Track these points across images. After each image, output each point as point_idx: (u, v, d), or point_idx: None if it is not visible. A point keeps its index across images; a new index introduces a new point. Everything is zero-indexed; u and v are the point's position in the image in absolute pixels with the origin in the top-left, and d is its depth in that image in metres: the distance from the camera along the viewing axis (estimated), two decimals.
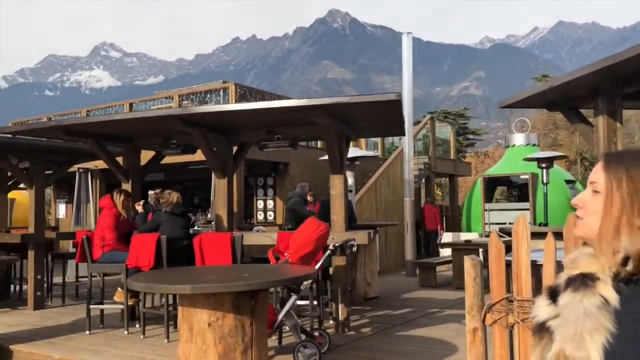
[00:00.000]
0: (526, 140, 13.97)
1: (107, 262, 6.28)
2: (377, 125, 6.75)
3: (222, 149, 6.71)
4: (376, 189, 12.47)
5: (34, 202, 7.98)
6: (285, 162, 12.29)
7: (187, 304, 3.67)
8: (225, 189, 6.66)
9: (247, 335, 3.71)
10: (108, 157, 7.02)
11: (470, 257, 3.54)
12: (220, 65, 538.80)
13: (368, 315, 7.12)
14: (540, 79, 51.24)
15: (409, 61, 11.45)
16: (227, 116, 5.86)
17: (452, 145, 16.72)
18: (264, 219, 12.60)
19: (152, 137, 6.98)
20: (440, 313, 7.24)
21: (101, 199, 6.70)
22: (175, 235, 6.09)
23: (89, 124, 6.18)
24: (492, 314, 3.35)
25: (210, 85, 13.39)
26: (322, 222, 5.22)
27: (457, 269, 9.53)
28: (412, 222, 11.37)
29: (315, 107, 5.20)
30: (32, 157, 8.00)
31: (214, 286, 3.33)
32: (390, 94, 4.88)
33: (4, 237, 8.07)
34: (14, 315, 7.57)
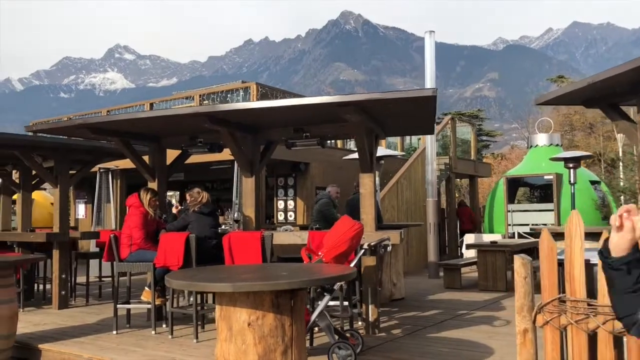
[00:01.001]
0: (549, 141, 13.77)
1: (134, 262, 6.23)
2: (406, 124, 6.64)
3: (249, 148, 6.64)
4: (397, 189, 12.34)
5: (59, 201, 7.97)
6: (305, 162, 12.21)
7: (226, 302, 3.59)
8: (252, 188, 6.58)
9: (287, 335, 3.62)
10: (134, 155, 6.97)
11: (520, 256, 3.42)
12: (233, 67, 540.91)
13: (396, 317, 7.01)
14: (555, 80, 50.76)
15: (431, 60, 11.30)
16: (256, 114, 5.79)
17: (472, 145, 16.53)
18: (285, 220, 12.52)
19: (178, 135, 6.93)
20: (469, 315, 7.11)
21: (128, 198, 6.66)
22: (203, 234, 6.02)
23: (116, 122, 6.13)
24: (543, 315, 3.23)
25: (231, 85, 13.34)
26: (355, 221, 5.12)
27: (483, 271, 9.40)
28: (435, 223, 11.23)
29: (348, 103, 5.11)
30: (57, 156, 7.99)
31: (255, 284, 3.24)
32: (426, 89, 4.77)
33: (29, 237, 8.06)
34: (39, 314, 7.55)
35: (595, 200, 12.82)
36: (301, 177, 12.39)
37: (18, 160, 8.49)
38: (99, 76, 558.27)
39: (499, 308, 7.63)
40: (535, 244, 10.77)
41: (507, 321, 6.64)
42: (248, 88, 12.04)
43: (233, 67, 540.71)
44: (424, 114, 5.85)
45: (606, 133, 39.77)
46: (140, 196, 6.48)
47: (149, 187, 6.73)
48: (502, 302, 8.09)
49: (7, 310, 5.42)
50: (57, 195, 8.00)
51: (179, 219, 6.33)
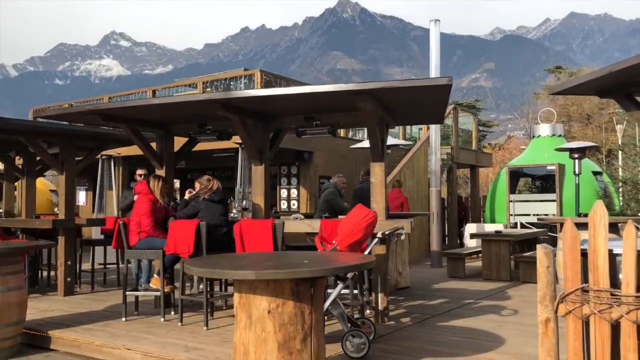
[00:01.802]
0: (552, 131, 13.77)
1: (143, 249, 6.21)
2: (416, 113, 6.62)
3: (259, 136, 6.61)
4: (400, 178, 12.32)
5: (65, 188, 7.93)
6: (309, 151, 12.18)
7: (246, 290, 3.58)
8: (262, 176, 6.56)
9: (306, 323, 3.62)
10: (143, 142, 6.93)
11: (543, 245, 3.42)
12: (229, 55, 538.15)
13: (403, 305, 7.03)
14: (553, 70, 50.74)
15: (436, 49, 11.26)
16: (269, 101, 5.75)
17: (474, 135, 16.51)
18: (288, 208, 12.50)
19: (187, 123, 6.88)
20: (476, 304, 7.14)
21: (137, 185, 6.63)
22: (214, 222, 6.00)
23: (126, 109, 6.08)
24: (565, 305, 3.23)
25: (234, 72, 13.25)
26: (369, 209, 5.10)
27: (487, 260, 9.42)
28: (439, 213, 11.24)
29: (363, 91, 5.07)
30: (63, 143, 7.94)
31: (278, 272, 3.23)
32: (441, 78, 4.74)
33: (35, 223, 8.02)
34: (46, 301, 7.53)
35: (598, 191, 12.86)
36: (305, 166, 12.36)
37: (22, 146, 8.45)
38: (95, 63, 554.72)
39: (505, 297, 7.66)
40: (538, 234, 10.82)
41: (514, 310, 6.67)
42: (252, 75, 11.97)
43: (229, 55, 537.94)
44: (436, 103, 5.82)
45: (603, 124, 39.88)
46: (149, 183, 6.45)
47: (158, 174, 6.70)
48: (507, 292, 8.12)
49: (17, 296, 5.40)
50: (63, 182, 7.96)
51: (189, 206, 6.30)
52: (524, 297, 7.65)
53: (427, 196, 13.05)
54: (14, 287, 5.39)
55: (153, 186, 6.36)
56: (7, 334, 5.32)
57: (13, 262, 5.43)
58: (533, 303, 7.10)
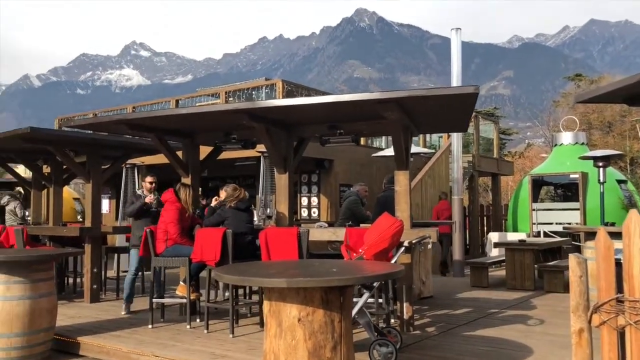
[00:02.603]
0: (574, 139, 13.64)
1: (170, 256, 6.27)
2: (440, 121, 6.62)
3: (283, 144, 6.66)
4: (422, 187, 12.32)
5: (92, 196, 8.05)
6: (329, 159, 12.21)
7: (276, 298, 3.61)
8: (286, 184, 6.60)
9: (336, 331, 3.63)
10: (169, 151, 7.02)
11: (575, 255, 3.40)
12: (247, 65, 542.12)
13: (428, 315, 7.00)
14: (573, 78, 50.19)
15: (458, 57, 11.24)
16: (294, 110, 5.80)
17: (495, 143, 16.43)
18: (308, 216, 12.54)
19: (212, 131, 6.96)
20: (501, 313, 7.08)
21: (164, 193, 6.69)
22: (240, 230, 6.05)
23: (154, 118, 6.18)
24: (599, 315, 3.20)
25: (256, 82, 13.37)
26: (396, 218, 5.11)
27: (511, 269, 9.34)
28: (461, 221, 11.18)
29: (388, 100, 5.10)
30: (90, 152, 8.08)
31: (309, 280, 3.26)
32: (467, 86, 4.75)
33: (62, 230, 8.15)
34: (73, 308, 7.64)
35: (622, 199, 12.69)
36: (325, 174, 12.40)
37: (49, 154, 8.61)
38: (115, 73, 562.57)
39: (530, 307, 7.59)
40: (562, 243, 10.69)
41: (540, 320, 6.60)
42: (274, 85, 12.07)
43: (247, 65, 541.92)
44: (461, 112, 5.82)
45: (624, 132, 39.34)
46: (176, 191, 6.53)
47: (185, 182, 6.77)
48: (532, 301, 8.04)
49: (48, 302, 5.50)
50: (90, 190, 8.09)
51: (215, 214, 6.36)
52: (549, 306, 7.58)
53: None
54: (44, 294, 5.49)
55: (184, 195, 6.43)
56: (38, 339, 5.41)
57: (44, 269, 5.53)
58: (559, 313, 7.05)
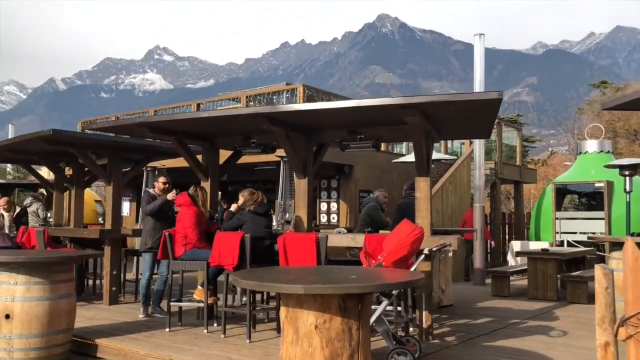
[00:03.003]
0: (600, 147, 13.37)
1: (189, 260, 6.27)
2: (462, 127, 6.53)
3: (303, 149, 6.63)
4: (442, 194, 12.18)
5: (112, 198, 8.11)
6: (349, 165, 12.15)
7: (293, 304, 3.56)
8: (305, 189, 6.56)
9: (354, 339, 3.57)
10: (189, 154, 7.03)
11: (601, 265, 3.29)
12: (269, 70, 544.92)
13: (448, 324, 6.89)
14: (598, 85, 49.42)
15: (481, 63, 11.12)
16: (314, 115, 5.76)
17: (518, 151, 16.19)
18: (327, 222, 12.48)
19: (232, 135, 6.96)
20: (523, 324, 6.94)
21: (178, 197, 6.66)
22: (258, 234, 6.03)
23: (175, 122, 6.20)
24: (626, 328, 3.10)
25: (277, 87, 13.38)
26: (416, 225, 5.04)
27: (533, 279, 9.17)
28: (482, 229, 11.03)
29: (410, 105, 5.03)
30: (111, 155, 8.14)
31: (328, 287, 3.21)
32: (491, 92, 4.67)
33: (83, 232, 8.22)
34: (92, 309, 7.68)
35: None
36: (345, 180, 12.33)
37: (71, 157, 8.69)
38: (139, 77, 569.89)
39: (552, 318, 7.43)
40: (586, 253, 10.47)
41: (563, 331, 6.46)
42: (294, 90, 12.06)
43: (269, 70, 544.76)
44: (484, 118, 5.73)
45: None
46: (191, 194, 6.50)
47: (202, 185, 6.76)
48: (554, 312, 7.88)
49: (67, 304, 5.52)
50: (110, 193, 8.14)
51: (234, 218, 6.34)
52: (572, 317, 7.41)
53: None
54: (64, 295, 5.52)
55: (202, 197, 6.43)
56: (57, 340, 5.43)
57: (64, 271, 5.56)
58: (582, 324, 6.89)
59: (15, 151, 8.75)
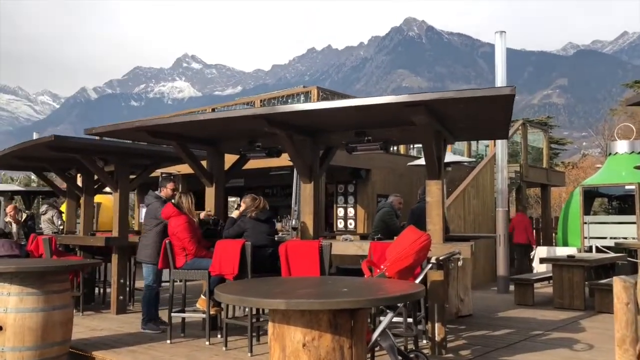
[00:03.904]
0: (631, 148, 12.75)
1: (190, 269, 6.02)
2: (478, 127, 6.14)
3: (308, 152, 6.33)
4: (464, 198, 11.72)
5: (119, 205, 7.94)
6: (366, 169, 11.80)
7: (280, 320, 3.26)
8: (311, 195, 6.26)
9: (346, 359, 3.25)
10: (192, 159, 6.81)
11: (621, 277, 2.92)
12: (295, 76, 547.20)
13: (464, 336, 6.49)
14: (632, 85, 47.97)
15: (502, 62, 10.68)
16: (316, 115, 5.46)
17: (544, 153, 15.61)
18: (345, 227, 12.14)
19: (236, 139, 6.71)
20: (545, 336, 6.50)
21: (163, 209, 6.35)
22: (260, 242, 5.75)
23: (175, 125, 5.97)
24: None
25: (291, 90, 13.13)
26: (422, 231, 4.68)
27: (558, 287, 8.69)
28: (505, 235, 10.56)
29: (416, 103, 4.70)
30: (118, 160, 7.97)
31: (313, 302, 2.90)
32: (503, 87, 4.30)
33: (89, 240, 8.07)
34: (97, 319, 7.50)
35: None
36: (362, 184, 11.98)
37: (81, 164, 8.55)
38: (168, 85, 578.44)
39: (577, 329, 6.96)
40: (616, 259, 9.91)
41: (589, 345, 6.00)
42: (309, 92, 11.79)
43: (296, 76, 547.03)
44: (499, 116, 5.35)
45: None
46: (177, 204, 6.23)
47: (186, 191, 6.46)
48: (580, 323, 7.40)
49: (62, 315, 5.31)
50: (117, 199, 7.97)
51: (235, 225, 6.08)
52: (599, 329, 6.92)
53: (493, 217, 12.36)
54: (58, 306, 5.31)
55: (187, 204, 6.14)
56: (52, 353, 5.23)
57: (58, 281, 5.36)
58: (610, 337, 6.38)
59: (23, 158, 8.65)
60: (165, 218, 6.24)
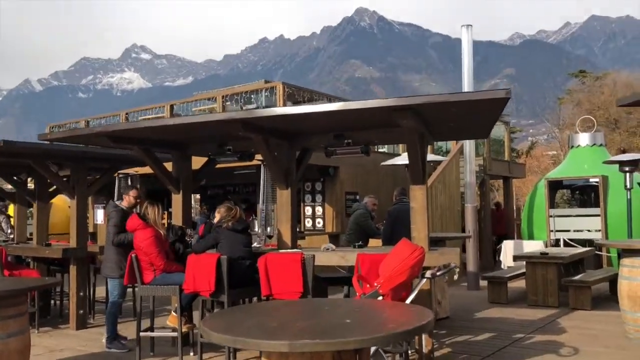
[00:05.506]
0: (592, 140, 12.89)
1: (160, 285, 5.60)
2: (461, 128, 5.92)
3: (284, 156, 5.98)
4: (432, 194, 11.58)
5: (76, 213, 7.38)
6: (334, 166, 11.52)
7: (276, 357, 2.92)
8: (288, 201, 5.91)
9: None
10: (157, 165, 6.34)
11: None
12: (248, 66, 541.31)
13: (447, 342, 6.30)
14: (577, 75, 49.34)
15: (469, 56, 10.60)
16: (295, 119, 5.12)
17: (506, 145, 15.72)
18: (313, 227, 11.85)
19: (205, 143, 6.28)
20: (529, 339, 6.39)
21: (128, 221, 5.90)
22: (236, 254, 5.36)
23: (138, 130, 5.50)
24: None
25: (255, 85, 12.68)
26: (416, 245, 4.42)
27: (532, 284, 8.65)
28: (475, 230, 10.48)
29: (406, 107, 4.41)
30: (73, 165, 7.41)
31: (317, 343, 2.57)
32: (498, 90, 4.07)
33: (45, 252, 7.48)
34: (56, 336, 6.97)
35: None
36: (330, 182, 11.70)
37: (33, 168, 7.93)
38: (117, 76, 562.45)
39: (558, 330, 6.89)
40: (587, 254, 9.96)
41: (574, 349, 5.91)
42: (274, 88, 11.38)
43: (248, 66, 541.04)
44: (486, 118, 5.14)
45: (631, 128, 38.50)
46: (143, 215, 5.78)
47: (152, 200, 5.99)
48: (559, 322, 7.34)
49: (18, 343, 4.80)
50: (74, 207, 7.42)
51: (207, 237, 5.67)
52: (579, 329, 6.87)
53: (459, 211, 12.30)
54: (14, 332, 4.79)
55: (153, 215, 5.70)
56: None
57: (15, 304, 4.85)
58: (592, 338, 6.36)
59: None
60: (130, 231, 5.78)
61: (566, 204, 17.19)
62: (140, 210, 5.98)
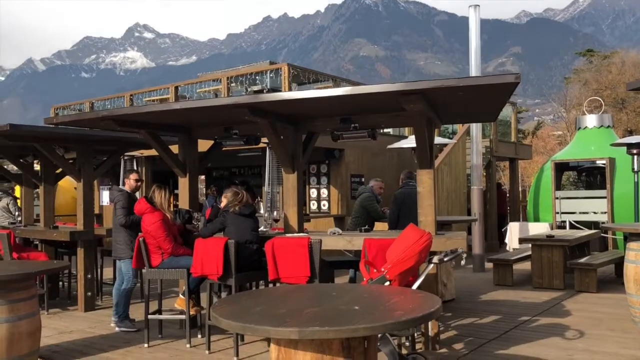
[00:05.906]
0: (599, 122, 12.81)
1: (167, 268, 5.63)
2: (469, 111, 5.89)
3: (291, 140, 5.96)
4: (438, 176, 11.56)
5: (83, 196, 7.41)
6: (340, 149, 11.49)
7: (286, 344, 2.94)
8: (295, 185, 5.91)
9: None
10: (163, 148, 6.34)
11: None
12: (251, 45, 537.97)
13: (452, 325, 6.34)
14: (584, 54, 48.80)
15: (476, 34, 10.51)
16: (304, 103, 5.09)
17: (512, 127, 15.62)
18: (318, 209, 11.86)
19: (211, 126, 6.26)
20: (534, 322, 6.41)
21: (136, 205, 5.93)
22: (244, 238, 5.38)
23: (145, 114, 5.49)
24: None
25: (259, 66, 12.61)
26: (424, 230, 4.42)
27: (538, 267, 8.66)
28: (481, 213, 10.48)
29: (414, 92, 4.37)
30: (80, 148, 7.42)
31: (327, 330, 2.59)
32: (507, 75, 4.02)
33: (52, 234, 7.52)
34: (65, 319, 7.04)
35: None
36: (335, 165, 11.68)
37: (39, 150, 7.94)
38: (120, 55, 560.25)
39: (563, 313, 6.92)
40: (594, 236, 9.95)
41: (579, 332, 5.93)
42: (279, 69, 11.30)
43: (252, 45, 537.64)
44: (495, 102, 5.10)
45: (638, 108, 38.19)
46: (151, 198, 5.79)
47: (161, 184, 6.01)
48: (564, 305, 7.37)
49: (28, 325, 4.86)
50: (81, 190, 7.44)
51: (215, 221, 5.68)
52: (585, 312, 6.90)
53: (465, 193, 12.29)
54: (24, 315, 4.85)
55: (159, 199, 5.72)
56: None
57: (24, 288, 4.90)
58: (598, 321, 6.38)
59: None
60: (138, 214, 5.80)
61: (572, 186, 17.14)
62: (147, 193, 6.00)
